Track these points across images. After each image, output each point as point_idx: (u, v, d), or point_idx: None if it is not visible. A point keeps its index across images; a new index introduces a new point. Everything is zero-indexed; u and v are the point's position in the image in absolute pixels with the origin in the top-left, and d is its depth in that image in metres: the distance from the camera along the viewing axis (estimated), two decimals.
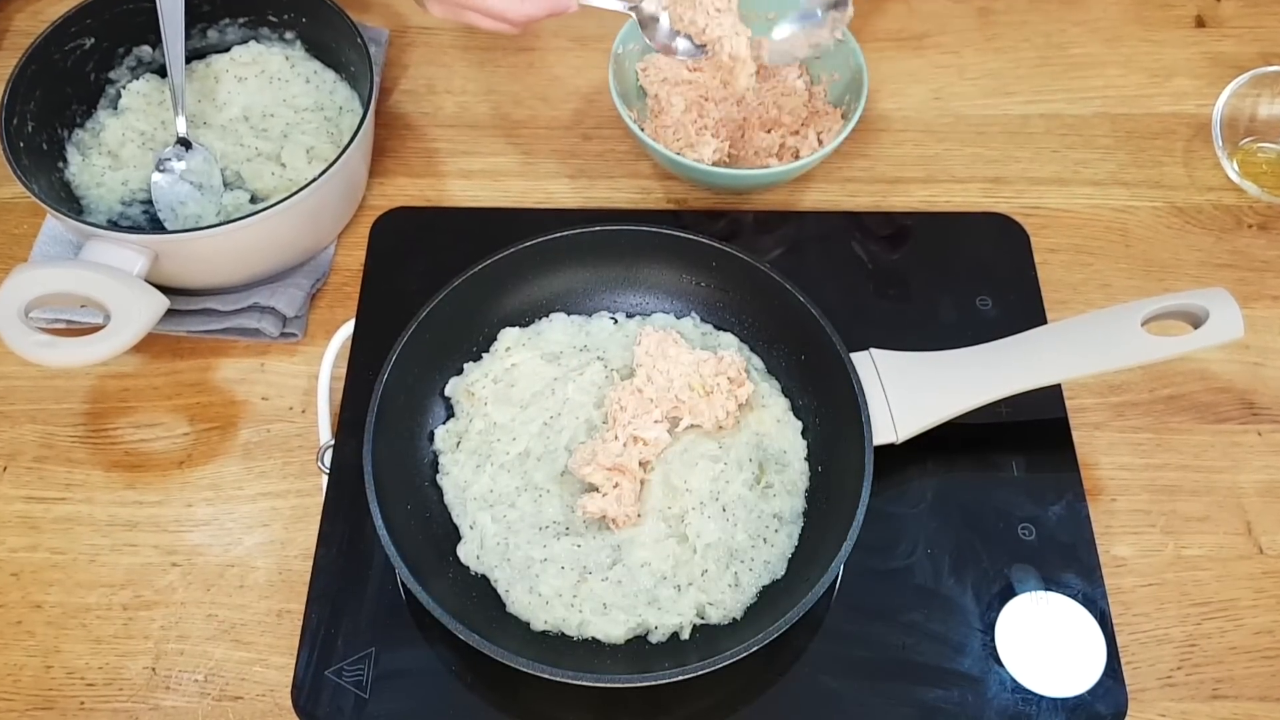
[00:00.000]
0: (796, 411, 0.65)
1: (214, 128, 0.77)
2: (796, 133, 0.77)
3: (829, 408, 0.63)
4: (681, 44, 0.71)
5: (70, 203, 0.74)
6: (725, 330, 0.68)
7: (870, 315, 0.70)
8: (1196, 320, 0.61)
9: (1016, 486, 0.64)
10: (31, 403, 0.70)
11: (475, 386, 0.65)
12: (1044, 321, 0.70)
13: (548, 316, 0.69)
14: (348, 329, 0.69)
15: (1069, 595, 0.60)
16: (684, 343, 0.66)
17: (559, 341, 0.67)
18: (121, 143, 0.76)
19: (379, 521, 0.57)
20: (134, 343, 0.63)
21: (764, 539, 0.60)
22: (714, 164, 0.74)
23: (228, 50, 0.80)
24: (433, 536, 0.61)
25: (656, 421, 0.62)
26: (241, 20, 0.80)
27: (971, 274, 0.72)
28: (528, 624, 0.58)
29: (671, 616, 0.58)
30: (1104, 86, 0.84)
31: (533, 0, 0.64)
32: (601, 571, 0.59)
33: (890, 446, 0.61)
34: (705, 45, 0.71)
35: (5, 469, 0.67)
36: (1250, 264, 0.75)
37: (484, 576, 0.60)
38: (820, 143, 0.76)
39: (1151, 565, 0.63)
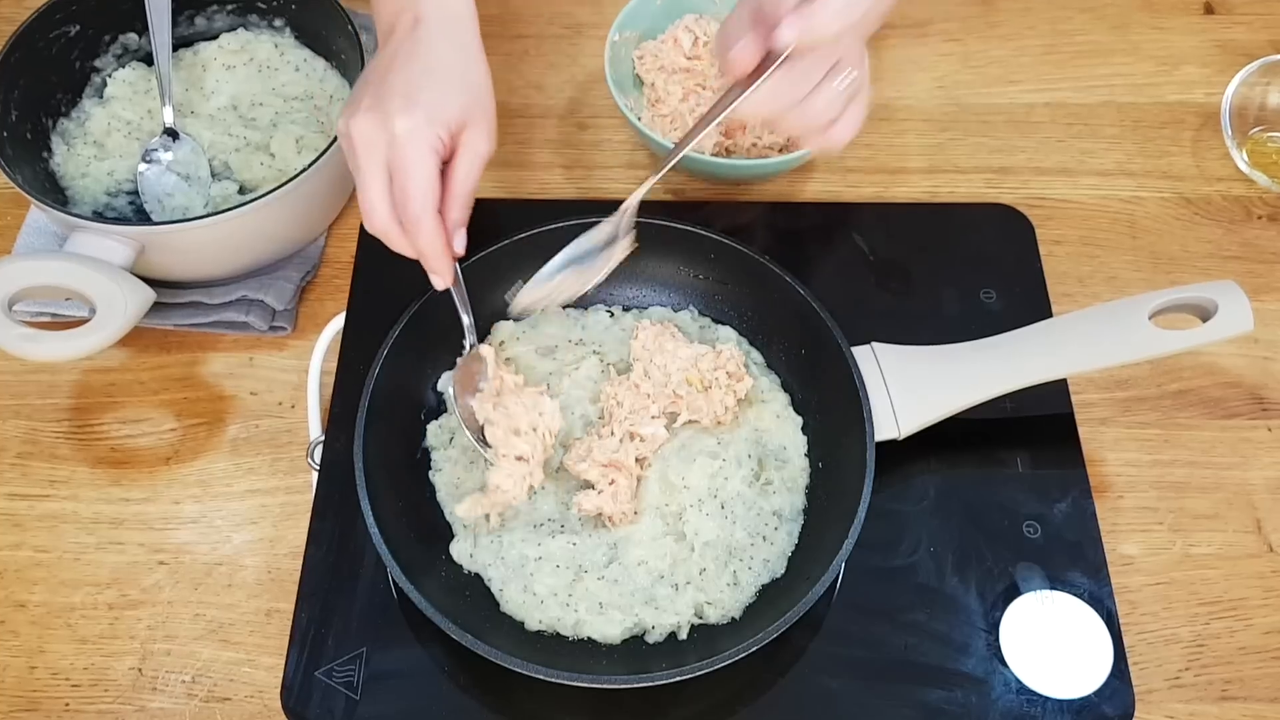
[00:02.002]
0: (796, 407, 0.64)
1: (201, 117, 0.76)
2: None
3: (830, 403, 0.62)
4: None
5: (55, 193, 0.73)
6: (724, 324, 0.67)
7: (872, 308, 0.70)
8: (1205, 313, 0.60)
9: (1021, 483, 0.63)
10: (15, 398, 0.69)
11: None
12: (1049, 315, 0.69)
13: (542, 310, 0.67)
14: (338, 323, 0.68)
15: (1075, 594, 0.59)
16: (682, 336, 0.65)
17: (554, 335, 0.67)
18: (107, 132, 0.75)
19: (370, 519, 0.56)
20: (120, 336, 0.63)
21: (763, 537, 0.60)
22: (712, 154, 0.73)
23: (215, 38, 0.79)
24: (425, 534, 0.60)
25: (654, 417, 0.62)
26: (230, 7, 0.79)
27: (975, 266, 0.71)
28: (522, 624, 0.57)
29: (669, 616, 0.57)
30: (1110, 75, 0.83)
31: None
32: (597, 570, 0.58)
33: (892, 442, 0.60)
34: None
35: None
36: (1260, 256, 0.74)
37: (477, 575, 0.59)
38: None
39: (1159, 564, 0.63)
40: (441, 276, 0.57)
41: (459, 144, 0.55)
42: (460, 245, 0.57)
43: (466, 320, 0.61)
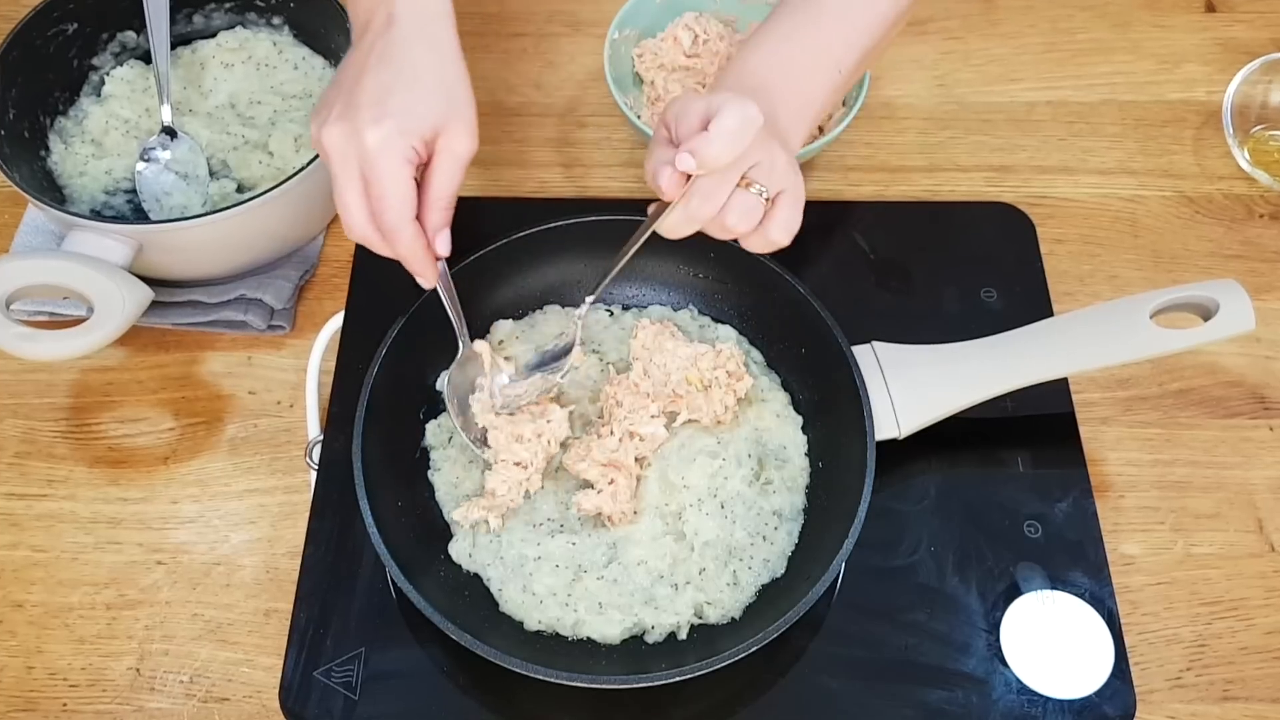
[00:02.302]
0: (797, 406, 0.64)
1: (200, 115, 0.76)
2: None
3: (830, 402, 0.62)
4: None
5: (52, 192, 0.72)
6: (724, 323, 0.67)
7: (872, 307, 0.69)
8: (1207, 312, 0.60)
9: (1022, 483, 0.63)
10: (12, 397, 0.68)
11: None
12: (1050, 314, 0.69)
13: (542, 309, 0.67)
14: (337, 321, 0.68)
15: (1076, 594, 0.59)
16: (681, 335, 0.64)
17: (553, 334, 0.66)
18: (105, 130, 0.75)
19: (369, 518, 0.56)
20: (118, 335, 0.62)
21: (763, 536, 0.59)
22: None
23: (214, 36, 0.78)
24: (424, 534, 0.60)
25: (653, 416, 0.61)
26: (228, 5, 0.79)
27: (976, 265, 0.71)
28: (521, 624, 0.57)
29: (669, 616, 0.57)
30: (1112, 73, 0.82)
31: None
32: (597, 570, 0.58)
33: (893, 441, 0.60)
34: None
35: None
36: (1262, 254, 0.74)
37: (476, 575, 0.59)
38: (821, 131, 0.75)
39: (1160, 563, 0.62)
40: (425, 279, 0.57)
41: (436, 149, 0.54)
42: (444, 248, 0.56)
43: (456, 319, 0.61)
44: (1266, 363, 0.69)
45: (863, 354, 0.61)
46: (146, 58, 0.76)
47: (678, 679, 0.52)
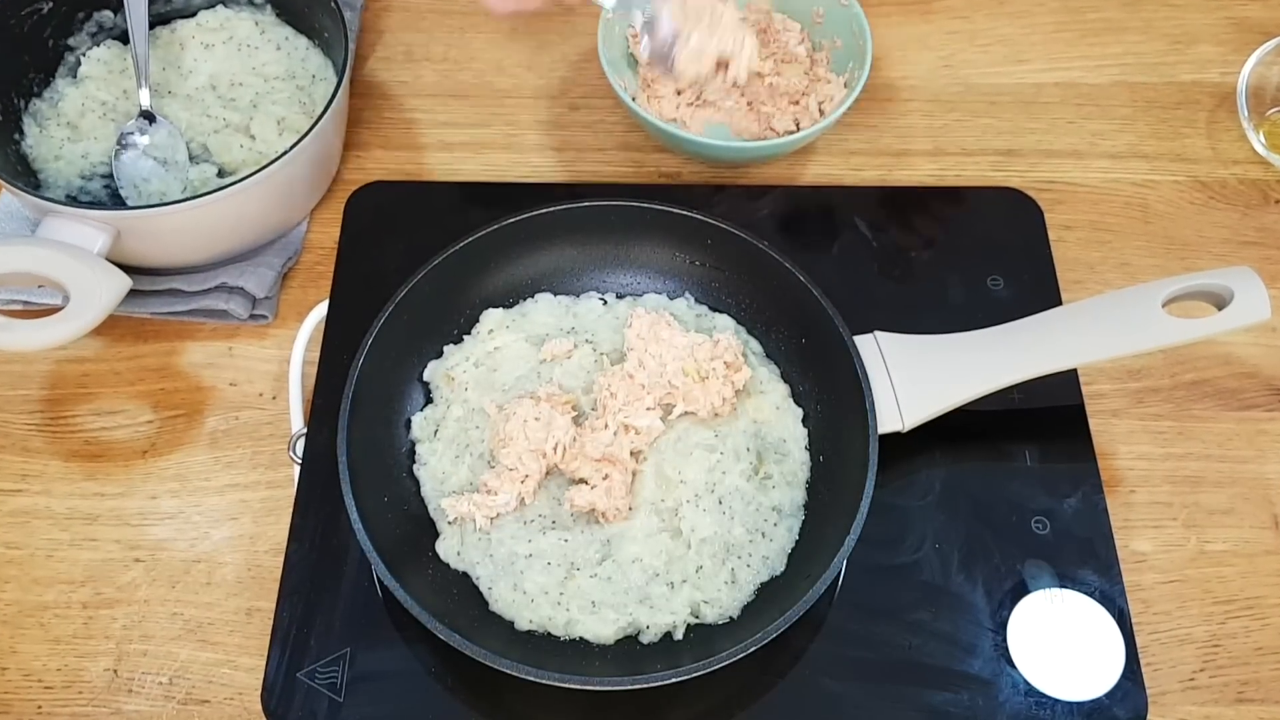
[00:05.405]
0: (796, 398, 0.63)
1: (179, 97, 0.74)
2: (797, 103, 0.75)
3: (831, 394, 0.61)
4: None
5: (27, 176, 0.71)
6: (721, 312, 0.66)
7: (874, 296, 0.69)
8: (1220, 301, 0.59)
9: (1030, 477, 0.62)
10: None
11: (455, 370, 0.63)
12: (1059, 302, 0.68)
13: (533, 297, 0.66)
14: (321, 310, 0.67)
15: (1085, 593, 0.58)
16: (677, 325, 0.63)
17: (545, 323, 0.65)
18: (81, 113, 0.73)
19: (354, 514, 0.55)
20: (94, 325, 0.61)
21: (762, 533, 0.58)
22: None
23: (194, 15, 0.77)
24: (411, 530, 0.59)
25: (649, 409, 0.60)
26: None
27: (982, 252, 0.70)
28: (512, 623, 0.56)
29: (664, 615, 0.56)
30: (1122, 53, 0.81)
31: None
32: (590, 568, 0.57)
33: (896, 435, 0.59)
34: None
35: None
36: (1278, 241, 0.73)
37: (465, 573, 0.58)
38: (822, 113, 0.73)
39: (1173, 561, 0.61)
40: None
41: None
42: None
43: None
44: None
45: (865, 344, 0.60)
46: (124, 38, 0.75)
47: (674, 680, 0.51)
